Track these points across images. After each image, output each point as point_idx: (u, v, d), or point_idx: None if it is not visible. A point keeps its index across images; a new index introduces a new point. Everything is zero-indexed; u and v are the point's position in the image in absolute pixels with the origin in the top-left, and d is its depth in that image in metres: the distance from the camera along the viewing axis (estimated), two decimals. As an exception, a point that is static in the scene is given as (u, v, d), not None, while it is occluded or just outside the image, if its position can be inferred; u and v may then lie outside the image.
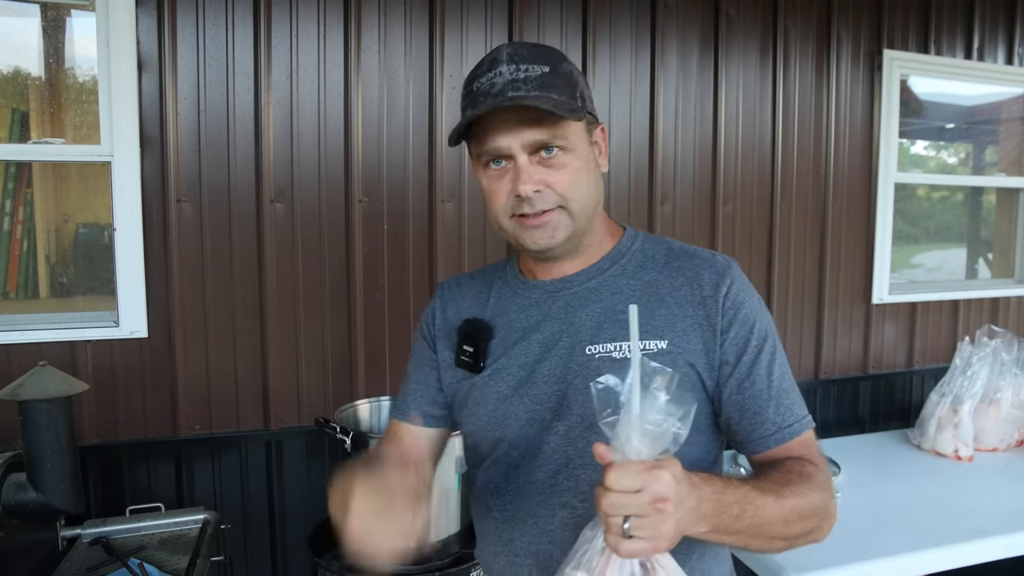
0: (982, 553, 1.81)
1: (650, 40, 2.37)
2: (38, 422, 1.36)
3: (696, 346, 0.94)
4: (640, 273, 0.99)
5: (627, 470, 0.72)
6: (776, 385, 0.94)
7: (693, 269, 0.98)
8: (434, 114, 2.13)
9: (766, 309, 0.99)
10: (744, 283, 0.98)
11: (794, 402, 0.95)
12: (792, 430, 0.93)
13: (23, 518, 1.40)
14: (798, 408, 0.95)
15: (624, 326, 0.88)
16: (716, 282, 0.96)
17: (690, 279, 0.97)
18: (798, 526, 0.85)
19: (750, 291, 0.98)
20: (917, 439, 2.55)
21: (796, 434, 0.93)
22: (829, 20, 2.63)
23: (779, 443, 0.93)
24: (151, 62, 1.87)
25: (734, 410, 0.94)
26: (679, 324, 0.95)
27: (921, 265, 3.20)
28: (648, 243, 1.04)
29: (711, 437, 0.99)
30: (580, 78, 0.96)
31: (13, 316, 1.90)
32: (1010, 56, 2.97)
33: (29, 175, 1.97)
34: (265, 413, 2.03)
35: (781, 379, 0.94)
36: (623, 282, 0.99)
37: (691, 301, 0.95)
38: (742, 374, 0.93)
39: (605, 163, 1.01)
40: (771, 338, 0.96)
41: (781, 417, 0.93)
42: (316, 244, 2.05)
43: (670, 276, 0.98)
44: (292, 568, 2.10)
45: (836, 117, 2.67)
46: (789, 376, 0.96)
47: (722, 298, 0.95)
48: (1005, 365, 2.49)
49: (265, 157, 1.97)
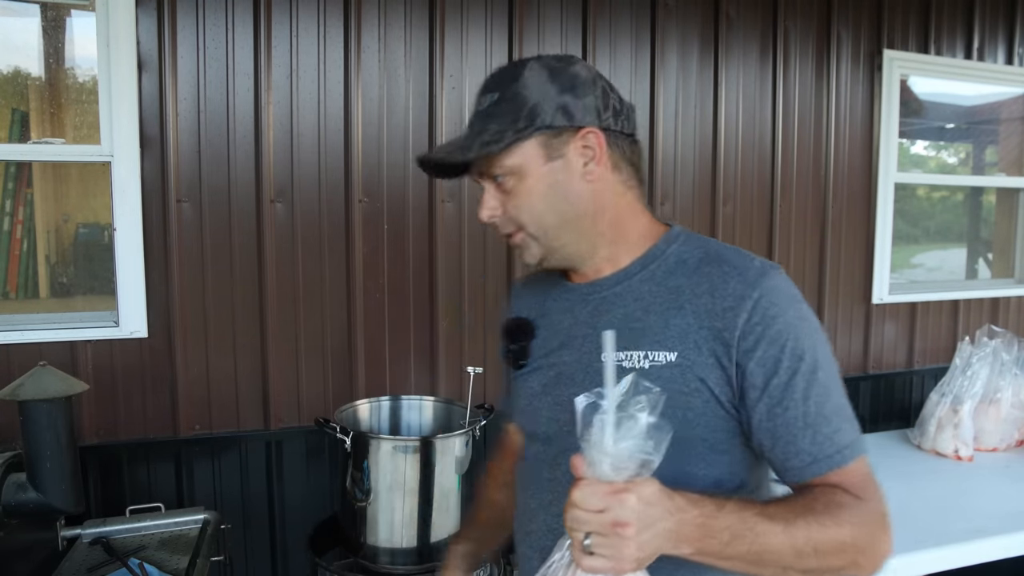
0: (982, 553, 1.81)
1: (650, 40, 2.37)
2: (38, 422, 1.36)
3: (708, 360, 0.87)
4: (668, 278, 0.93)
5: (593, 490, 0.74)
6: (814, 411, 0.84)
7: (720, 276, 0.89)
8: (434, 114, 2.13)
9: (810, 323, 0.88)
10: (779, 295, 0.87)
11: (837, 430, 0.84)
12: (831, 461, 0.84)
13: (23, 518, 1.40)
14: (842, 436, 0.84)
15: (637, 335, 0.91)
16: (741, 293, 0.87)
17: (713, 287, 0.89)
18: (816, 561, 0.79)
19: (787, 304, 0.87)
20: (917, 439, 2.55)
21: (835, 466, 0.84)
22: (829, 20, 2.63)
23: (815, 475, 0.84)
24: (151, 62, 1.87)
25: (766, 437, 0.87)
26: (692, 336, 0.88)
27: (921, 265, 3.20)
28: (686, 245, 0.96)
29: (737, 457, 0.91)
30: (538, 90, 0.91)
31: (13, 316, 1.90)
32: (1010, 56, 2.97)
33: (29, 175, 1.97)
34: (265, 413, 2.03)
35: (822, 404, 0.84)
36: (647, 288, 0.94)
37: (709, 311, 0.88)
38: (773, 399, 0.85)
39: (598, 168, 0.92)
40: (809, 358, 0.85)
41: (818, 448, 0.84)
42: (316, 244, 2.05)
43: (695, 283, 0.91)
44: (292, 568, 2.10)
45: (836, 117, 2.67)
46: (835, 399, 0.86)
47: (746, 312, 0.86)
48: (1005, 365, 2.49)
49: (265, 157, 1.97)
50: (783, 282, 0.89)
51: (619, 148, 0.94)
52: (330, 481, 2.09)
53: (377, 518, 1.70)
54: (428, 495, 1.70)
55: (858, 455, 0.85)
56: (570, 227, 0.94)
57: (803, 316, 0.88)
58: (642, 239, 0.98)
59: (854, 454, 0.84)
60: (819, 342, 0.87)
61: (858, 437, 0.86)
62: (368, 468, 1.68)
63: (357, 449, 1.70)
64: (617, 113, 0.93)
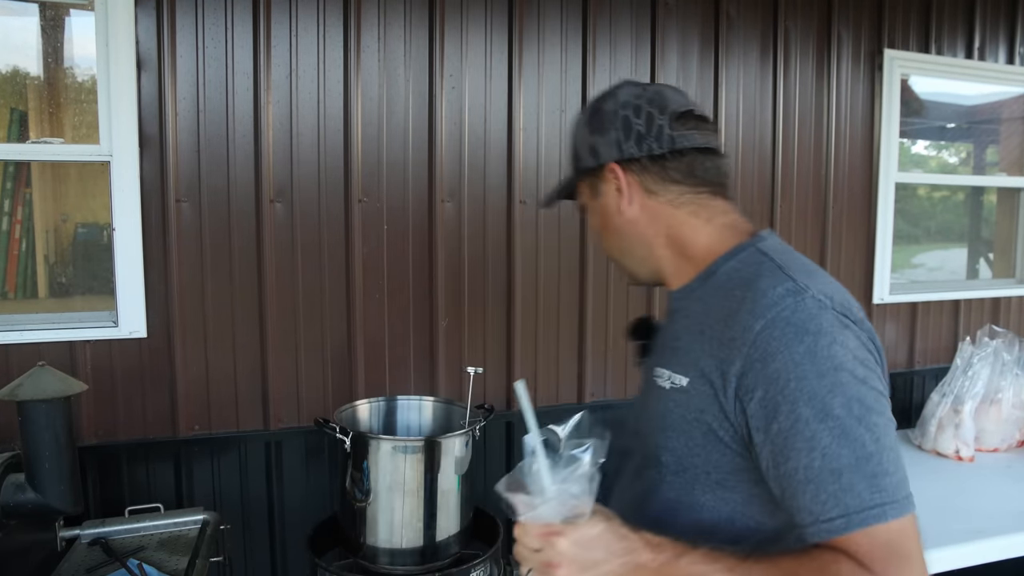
0: (983, 554, 1.81)
1: (650, 40, 2.37)
2: (37, 422, 1.35)
3: (707, 391, 0.83)
4: (711, 296, 0.89)
5: (528, 529, 0.76)
6: (819, 465, 0.73)
7: (738, 302, 0.83)
8: (434, 114, 2.12)
9: (822, 362, 0.76)
10: (785, 327, 0.78)
11: (846, 489, 0.73)
12: (832, 526, 0.73)
13: (22, 519, 1.40)
14: (850, 497, 0.72)
15: (671, 353, 0.92)
16: (747, 323, 0.80)
17: (729, 314, 0.83)
18: None
19: (793, 339, 0.77)
20: (918, 439, 2.54)
21: (837, 532, 0.73)
22: (829, 20, 2.62)
23: (815, 537, 0.75)
24: (150, 61, 1.87)
25: (775, 486, 0.79)
26: (701, 364, 0.85)
27: (922, 265, 3.20)
28: (743, 262, 0.90)
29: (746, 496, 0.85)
30: (584, 129, 0.98)
31: (12, 316, 1.90)
32: (1011, 56, 2.97)
33: (28, 175, 1.97)
34: (265, 413, 2.03)
35: (831, 457, 0.73)
36: (696, 306, 0.91)
37: (719, 340, 0.83)
38: (776, 446, 0.77)
39: (626, 204, 0.95)
40: (817, 403, 0.75)
41: (820, 507, 0.74)
42: (316, 244, 2.04)
43: (720, 306, 0.86)
44: (291, 568, 2.10)
45: (837, 117, 2.67)
46: (852, 452, 0.73)
47: (747, 345, 0.79)
48: (1006, 365, 2.48)
49: (265, 157, 1.97)
50: (797, 312, 0.78)
51: (652, 171, 0.93)
52: (330, 481, 2.09)
53: (377, 518, 1.70)
54: (428, 495, 1.70)
55: (869, 524, 0.72)
56: (628, 254, 1.00)
57: (813, 353, 0.76)
58: (708, 253, 0.94)
59: (869, 521, 0.72)
60: (834, 386, 0.75)
61: (884, 501, 0.73)
62: (368, 468, 1.68)
63: (357, 449, 1.69)
64: (641, 138, 0.92)
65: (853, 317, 0.81)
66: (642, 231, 0.96)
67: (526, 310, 2.27)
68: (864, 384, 0.77)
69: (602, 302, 2.37)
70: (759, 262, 0.88)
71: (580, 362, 2.37)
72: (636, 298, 2.41)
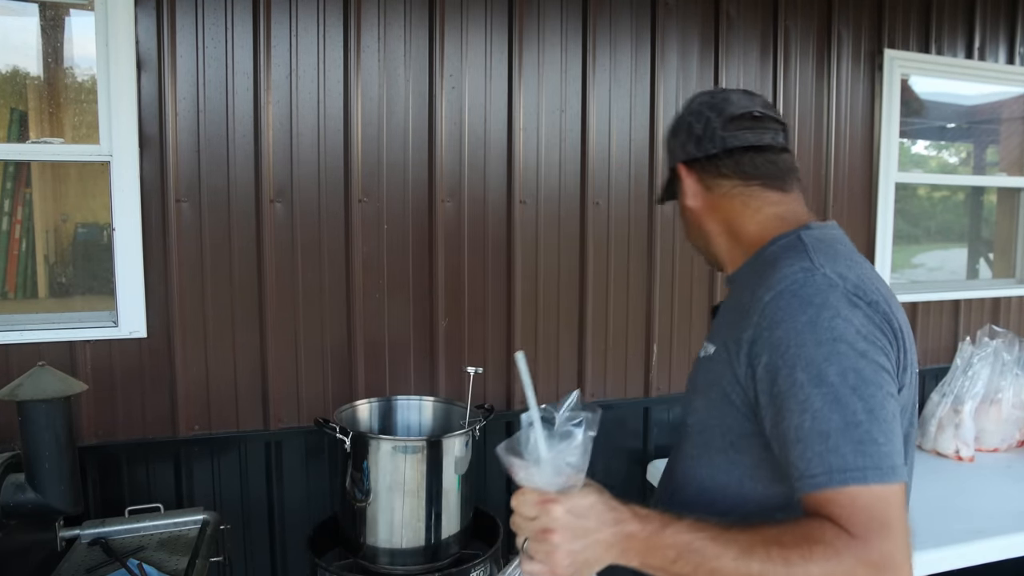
0: (983, 554, 1.81)
1: (650, 40, 2.37)
2: (37, 422, 1.35)
3: (724, 357, 0.92)
4: (748, 277, 0.98)
5: (526, 499, 0.80)
6: (808, 426, 0.79)
7: (762, 277, 0.91)
8: (434, 114, 2.12)
9: (822, 332, 0.82)
10: (792, 299, 0.85)
11: (831, 449, 0.78)
12: (813, 482, 0.78)
13: (22, 519, 1.40)
14: (834, 457, 0.77)
15: (715, 328, 1.03)
16: (760, 295, 0.88)
17: (754, 288, 0.91)
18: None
19: (798, 309, 0.84)
20: (918, 439, 2.54)
21: (817, 487, 0.78)
22: (830, 19, 2.62)
23: (801, 491, 0.80)
24: (150, 61, 1.87)
25: (774, 445, 0.85)
26: (725, 333, 0.94)
27: (922, 265, 3.20)
28: (781, 247, 0.97)
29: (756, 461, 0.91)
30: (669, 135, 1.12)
31: (12, 316, 1.90)
32: (1011, 56, 2.97)
33: (28, 175, 1.97)
34: (265, 413, 2.03)
35: (821, 420, 0.79)
36: (737, 287, 1.03)
37: (741, 311, 0.92)
38: (776, 407, 0.83)
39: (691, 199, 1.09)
40: (813, 369, 0.80)
41: (805, 464, 0.79)
42: (316, 244, 2.04)
43: (750, 282, 0.94)
44: (291, 569, 2.10)
45: (837, 117, 2.67)
46: (843, 418, 0.78)
47: (757, 315, 0.87)
48: (1006, 365, 2.49)
49: (265, 157, 1.97)
50: (805, 287, 0.86)
51: (708, 169, 1.05)
52: (330, 481, 2.09)
53: (377, 518, 1.70)
54: (428, 495, 1.70)
55: (848, 483, 0.76)
56: (699, 242, 1.13)
57: (815, 323, 0.82)
58: (756, 240, 1.03)
59: (849, 480, 0.76)
60: (831, 354, 0.81)
61: (866, 465, 0.77)
62: (368, 468, 1.68)
63: (357, 449, 1.69)
64: (699, 140, 1.04)
65: (866, 299, 0.86)
66: (705, 221, 1.09)
67: (526, 310, 2.27)
68: (864, 358, 0.81)
69: (602, 302, 2.37)
70: (793, 246, 0.95)
71: (580, 361, 2.37)
72: (636, 298, 2.41)
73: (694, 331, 2.50)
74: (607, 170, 2.34)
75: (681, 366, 2.50)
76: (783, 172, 1.04)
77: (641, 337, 2.44)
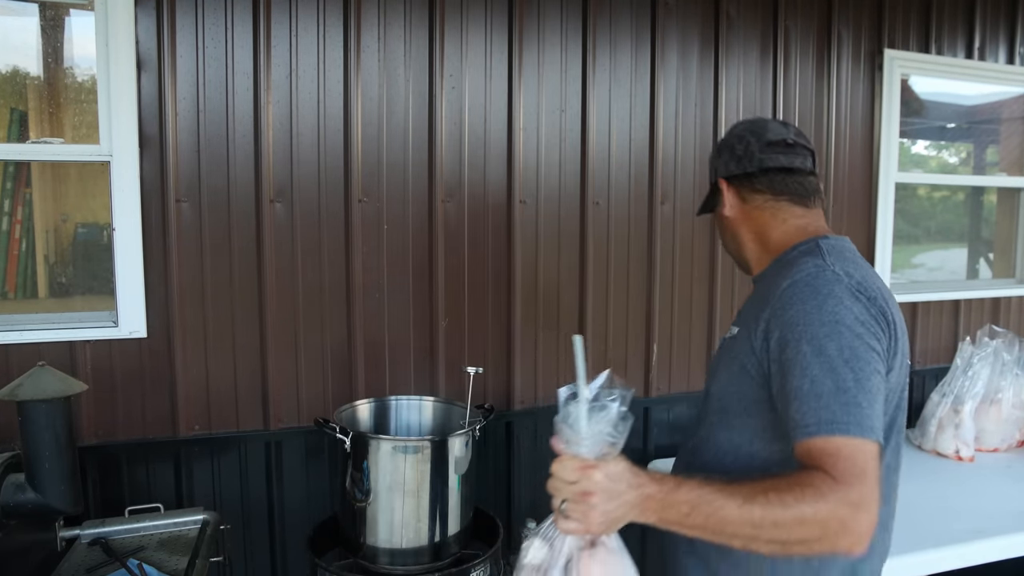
0: (983, 554, 1.81)
1: (650, 40, 2.37)
2: (37, 422, 1.35)
3: (745, 335, 1.11)
4: (774, 277, 1.14)
5: (567, 464, 0.92)
6: (807, 388, 0.96)
7: (783, 273, 1.10)
8: (434, 114, 2.12)
9: (826, 314, 1.00)
10: (802, 287, 1.04)
11: (823, 407, 0.94)
12: (807, 430, 0.94)
13: (22, 519, 1.40)
14: (825, 412, 0.94)
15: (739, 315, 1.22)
16: (779, 284, 1.08)
17: (777, 281, 1.10)
18: (777, 533, 0.89)
19: (808, 295, 1.03)
20: (918, 439, 2.54)
21: (809, 435, 0.94)
22: (830, 19, 2.62)
23: (796, 440, 0.96)
24: (150, 61, 1.87)
25: (779, 404, 1.03)
26: (750, 316, 1.12)
27: (922, 265, 3.20)
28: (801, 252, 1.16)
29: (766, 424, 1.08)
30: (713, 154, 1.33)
31: (12, 316, 1.90)
32: (1011, 56, 2.97)
33: (28, 175, 1.97)
34: (264, 413, 2.03)
35: (817, 383, 0.95)
36: (762, 284, 1.20)
37: (765, 299, 1.09)
38: (783, 371, 1.01)
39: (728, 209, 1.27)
40: (815, 343, 0.98)
41: (800, 416, 0.96)
42: (315, 244, 2.04)
43: (773, 279, 1.13)
44: (291, 569, 2.10)
45: (837, 117, 2.67)
46: (835, 383, 0.95)
47: (775, 299, 1.06)
48: (1006, 365, 2.49)
49: (265, 157, 1.97)
50: (816, 279, 1.05)
51: (745, 185, 1.24)
52: (330, 481, 2.09)
53: (377, 518, 1.70)
54: (428, 495, 1.70)
55: (834, 433, 0.92)
56: (733, 247, 1.31)
57: (821, 307, 1.01)
58: (780, 245, 1.21)
59: (835, 431, 0.92)
60: (832, 333, 0.98)
61: (850, 421, 0.93)
62: (368, 468, 1.68)
63: (357, 449, 1.69)
64: (739, 159, 1.23)
65: (867, 294, 1.05)
66: (739, 229, 1.27)
67: (526, 310, 2.27)
68: (859, 339, 0.99)
69: (602, 302, 2.37)
70: (811, 251, 1.14)
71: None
72: (636, 298, 2.41)
73: (694, 331, 2.51)
74: (607, 170, 2.34)
75: (681, 366, 2.50)
76: (808, 191, 1.22)
77: (641, 337, 2.44)
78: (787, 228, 1.21)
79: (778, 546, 0.90)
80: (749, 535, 0.90)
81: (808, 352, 0.97)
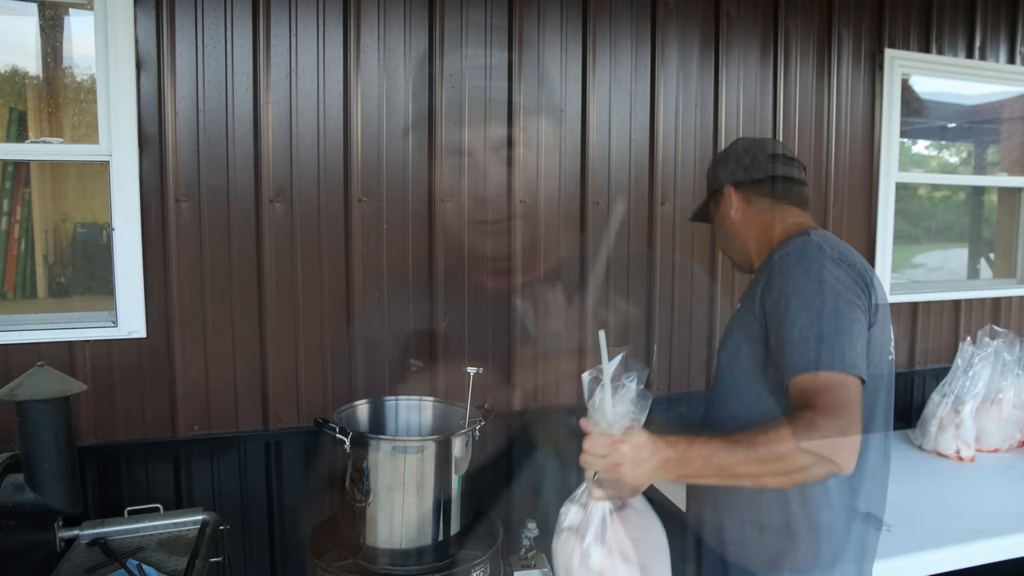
0: (984, 554, 1.80)
1: (650, 40, 2.37)
2: (36, 422, 1.35)
3: (747, 306, 1.30)
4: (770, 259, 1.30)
5: (598, 441, 1.08)
6: (796, 336, 1.13)
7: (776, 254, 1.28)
8: (434, 114, 2.12)
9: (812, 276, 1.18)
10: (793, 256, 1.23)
11: (811, 349, 1.11)
12: (795, 370, 1.12)
13: (21, 519, 1.39)
14: (812, 354, 1.11)
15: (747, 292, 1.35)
16: (773, 256, 1.28)
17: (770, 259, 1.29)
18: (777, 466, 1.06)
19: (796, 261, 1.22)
20: (919, 440, 2.54)
21: (798, 372, 1.11)
22: (830, 19, 2.62)
23: (788, 378, 1.12)
24: (150, 61, 1.87)
25: (774, 354, 1.19)
26: (752, 288, 1.31)
27: (922, 265, 3.19)
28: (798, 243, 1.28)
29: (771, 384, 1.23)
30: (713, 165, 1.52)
31: (11, 316, 1.90)
32: (1012, 55, 2.96)
33: (27, 174, 1.96)
34: (264, 413, 2.03)
35: (805, 331, 1.13)
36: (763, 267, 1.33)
37: (763, 272, 1.29)
38: (777, 325, 1.18)
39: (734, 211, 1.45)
40: (801, 299, 1.16)
41: (791, 359, 1.13)
42: (315, 244, 2.04)
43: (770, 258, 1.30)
44: (291, 569, 2.09)
45: (837, 116, 2.66)
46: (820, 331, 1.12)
47: (769, 268, 1.26)
48: (1007, 365, 2.48)
49: (264, 157, 1.97)
50: (803, 249, 1.24)
51: (751, 190, 1.43)
52: (330, 481, 2.08)
53: (376, 519, 1.70)
54: (428, 496, 1.70)
55: (820, 370, 1.09)
56: (734, 246, 1.48)
57: (807, 271, 1.19)
58: (781, 238, 1.36)
59: (820, 367, 1.09)
60: (817, 291, 1.16)
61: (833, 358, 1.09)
62: (367, 469, 1.68)
63: (356, 450, 1.69)
64: (747, 168, 1.43)
65: (846, 262, 1.23)
66: (743, 230, 1.44)
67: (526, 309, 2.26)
68: (840, 297, 1.16)
69: (602, 302, 2.36)
70: (803, 237, 1.30)
71: (580, 361, 2.36)
72: (635, 298, 2.41)
73: (694, 331, 2.50)
74: (607, 170, 2.34)
75: (681, 366, 2.50)
76: (804, 198, 1.44)
77: (641, 337, 2.44)
78: (786, 225, 1.39)
79: (784, 477, 1.07)
80: (756, 472, 1.06)
81: (796, 307, 1.15)
